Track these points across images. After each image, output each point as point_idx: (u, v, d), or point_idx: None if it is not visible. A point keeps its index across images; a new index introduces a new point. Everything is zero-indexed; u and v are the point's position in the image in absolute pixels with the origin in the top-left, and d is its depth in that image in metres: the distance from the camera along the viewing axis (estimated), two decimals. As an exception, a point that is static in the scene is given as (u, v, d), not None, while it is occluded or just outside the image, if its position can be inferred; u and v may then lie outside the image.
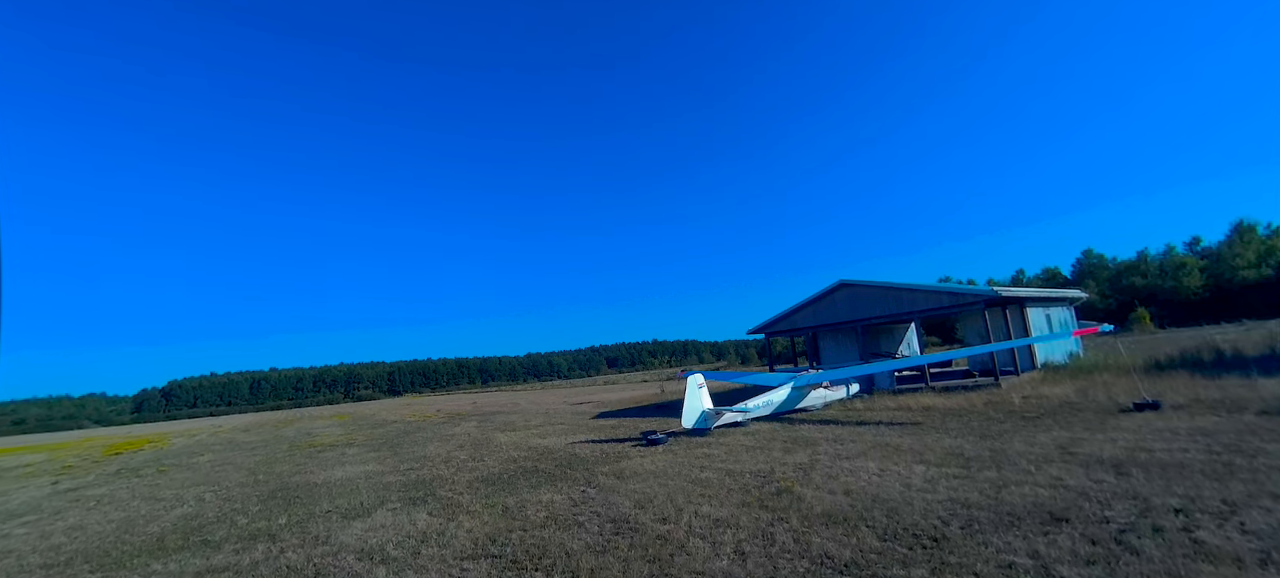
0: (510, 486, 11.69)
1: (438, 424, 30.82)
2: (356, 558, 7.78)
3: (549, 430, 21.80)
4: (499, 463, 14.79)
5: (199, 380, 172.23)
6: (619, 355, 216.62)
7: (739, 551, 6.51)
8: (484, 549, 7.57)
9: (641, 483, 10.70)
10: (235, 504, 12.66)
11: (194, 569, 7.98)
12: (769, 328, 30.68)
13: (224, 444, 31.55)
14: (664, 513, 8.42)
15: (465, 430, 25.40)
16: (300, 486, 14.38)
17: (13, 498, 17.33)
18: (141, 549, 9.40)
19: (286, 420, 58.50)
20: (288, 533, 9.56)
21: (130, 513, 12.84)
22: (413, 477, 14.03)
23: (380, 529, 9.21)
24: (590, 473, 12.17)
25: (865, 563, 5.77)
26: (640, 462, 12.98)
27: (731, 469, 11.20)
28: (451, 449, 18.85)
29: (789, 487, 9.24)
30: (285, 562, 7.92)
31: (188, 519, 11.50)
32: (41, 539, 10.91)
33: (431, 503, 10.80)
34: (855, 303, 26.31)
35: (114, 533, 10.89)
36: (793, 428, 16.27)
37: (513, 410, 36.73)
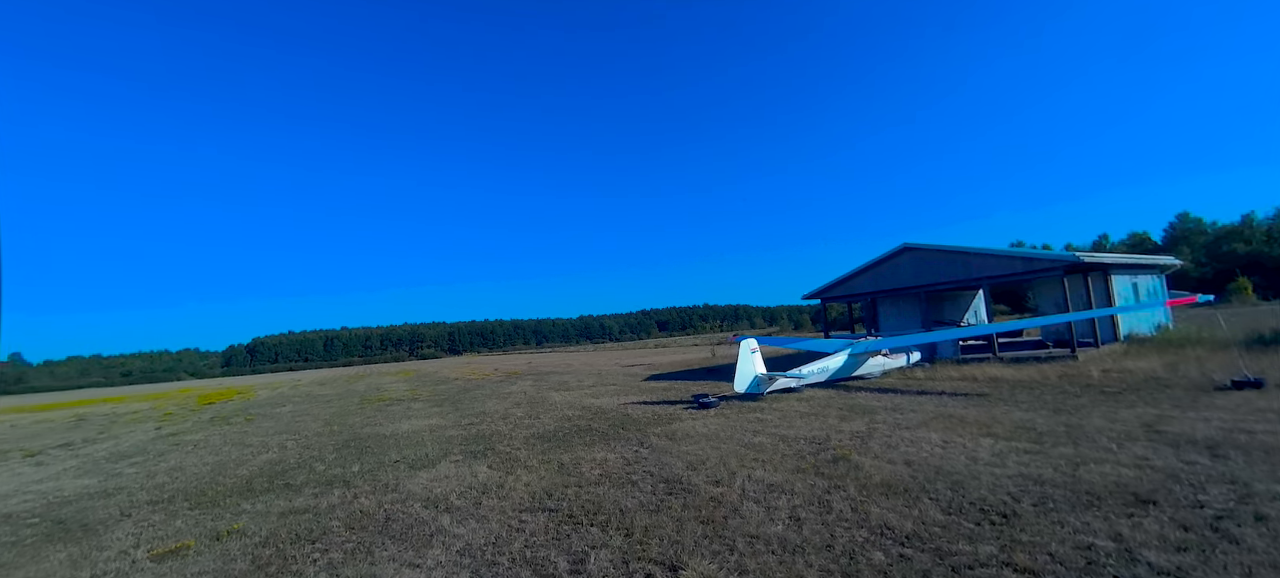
0: (565, 443, 12.00)
1: (495, 383, 31.96)
2: (423, 506, 8.20)
3: (601, 391, 22.21)
4: (554, 421, 15.20)
5: (279, 338, 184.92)
6: (670, 319, 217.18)
7: (794, 517, 6.44)
8: (541, 503, 7.82)
9: (693, 445, 10.74)
10: (313, 452, 13.58)
11: (278, 510, 8.63)
12: (825, 293, 29.86)
13: (302, 397, 33.87)
14: (716, 476, 8.43)
15: (521, 389, 26.23)
16: (371, 437, 15.26)
17: (124, 441, 19.26)
18: (232, 490, 10.25)
19: (357, 376, 62.21)
20: (360, 480, 10.19)
21: (222, 457, 14.00)
22: (473, 432, 14.62)
23: (444, 480, 9.66)
24: (642, 434, 12.32)
25: (928, 537, 5.59)
26: (692, 424, 13.03)
27: (785, 435, 11.07)
28: (508, 407, 19.51)
29: (846, 455, 9.05)
30: (359, 507, 8.44)
31: (272, 465, 12.43)
32: (148, 478, 12.08)
33: (491, 457, 11.23)
34: (919, 268, 25.15)
35: (209, 474, 11.92)
36: (849, 395, 15.90)
37: (566, 371, 37.61)
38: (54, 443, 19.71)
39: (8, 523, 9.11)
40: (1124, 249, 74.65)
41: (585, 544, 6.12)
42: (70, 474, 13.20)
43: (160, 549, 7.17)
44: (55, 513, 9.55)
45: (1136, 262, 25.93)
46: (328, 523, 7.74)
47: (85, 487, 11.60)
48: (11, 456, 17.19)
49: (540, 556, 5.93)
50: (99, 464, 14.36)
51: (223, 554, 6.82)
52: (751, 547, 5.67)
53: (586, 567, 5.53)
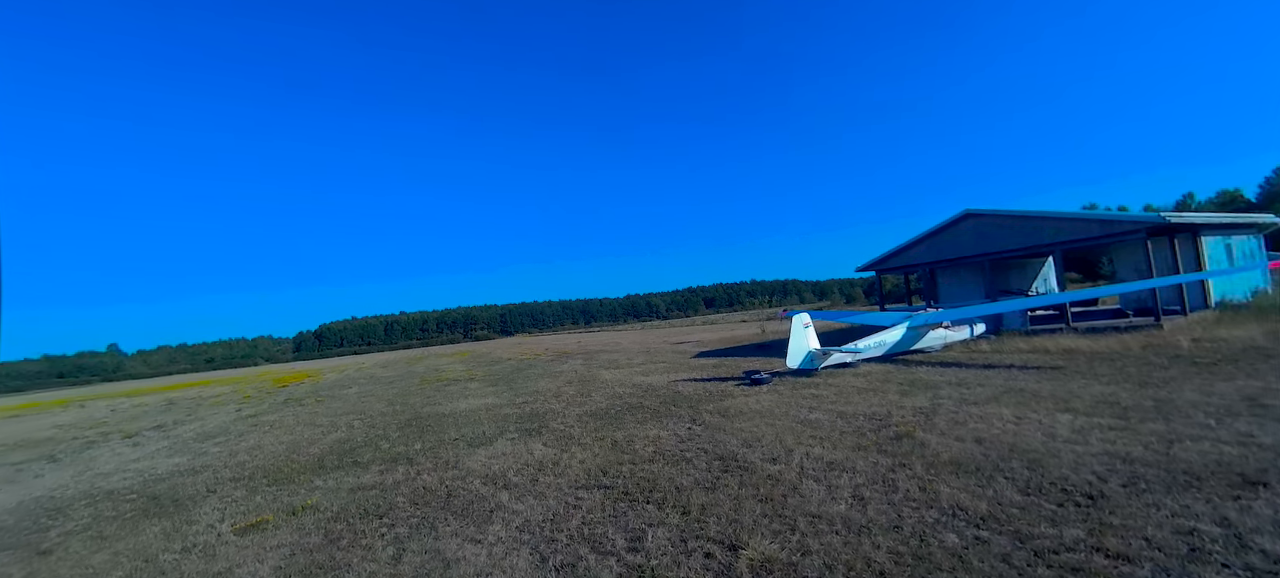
0: (617, 420, 12.04)
1: (546, 362, 32.53)
2: (482, 482, 8.38)
3: (651, 369, 22.22)
4: (605, 399, 15.30)
5: (344, 323, 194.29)
6: (717, 296, 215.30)
7: (857, 496, 6.20)
8: (596, 480, 7.85)
9: (747, 422, 10.56)
10: (378, 431, 14.16)
11: (347, 487, 9.02)
12: (880, 265, 28.79)
13: (366, 379, 35.48)
14: (773, 453, 8.24)
15: (572, 368, 26.58)
16: (431, 416, 15.79)
17: (208, 422, 20.67)
18: (305, 467, 10.80)
19: (416, 358, 64.71)
20: (423, 457, 10.53)
21: (296, 437, 14.80)
22: (527, 410, 14.90)
23: (501, 457, 9.86)
24: (695, 411, 12.22)
25: (1006, 518, 5.26)
26: (744, 401, 12.84)
27: (843, 411, 10.74)
28: (560, 385, 19.80)
29: (909, 432, 8.67)
30: (422, 483, 8.72)
31: (341, 443, 13.04)
32: (230, 457, 12.89)
33: (545, 434, 11.40)
34: (982, 235, 23.81)
35: (284, 453, 12.61)
36: (909, 370, 15.29)
37: (615, 350, 37.89)
38: (148, 425, 21.37)
39: (110, 499, 9.91)
40: (1213, 208, 68.52)
41: (642, 522, 6.09)
42: (163, 454, 14.26)
43: (242, 524, 7.62)
44: (150, 490, 10.32)
45: (1229, 221, 23.71)
46: (393, 499, 8.03)
47: (176, 465, 12.49)
48: (112, 437, 18.74)
49: (597, 533, 5.94)
50: (187, 444, 15.46)
51: (298, 528, 7.18)
52: (814, 526, 5.49)
53: (644, 544, 5.49)
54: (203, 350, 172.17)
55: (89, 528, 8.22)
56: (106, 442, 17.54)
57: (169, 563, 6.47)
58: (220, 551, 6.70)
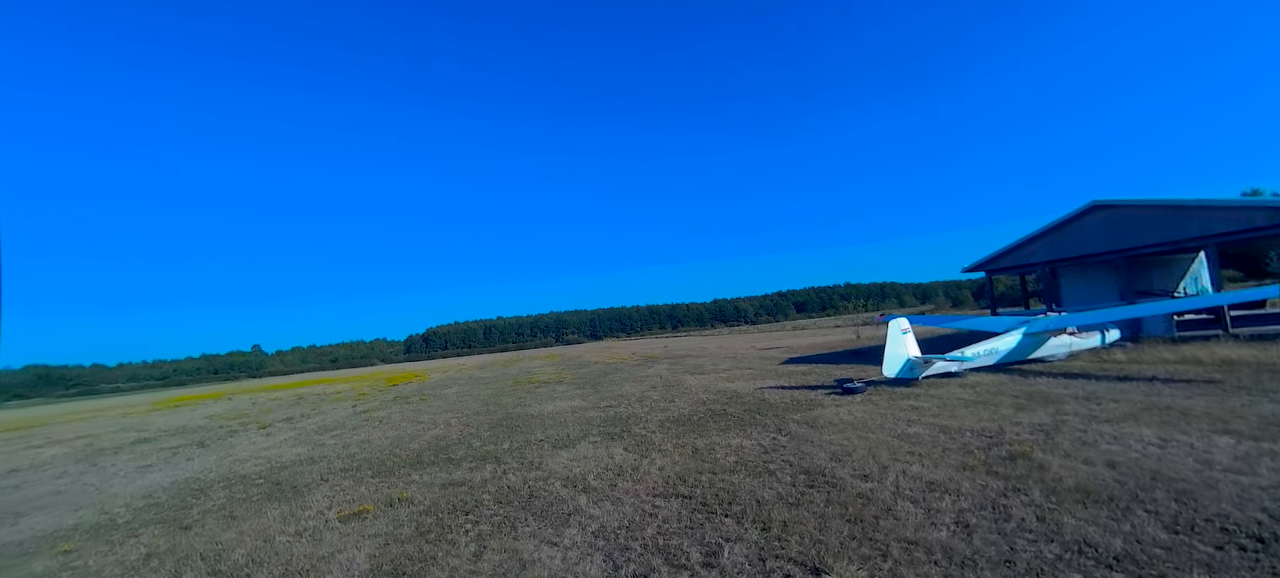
0: (700, 428, 11.80)
1: (632, 366, 32.78)
2: (563, 484, 8.47)
3: (737, 375, 21.70)
4: (689, 405, 15.08)
5: (448, 327, 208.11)
6: (808, 300, 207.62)
7: (961, 522, 5.58)
8: (674, 488, 7.68)
9: (837, 434, 9.94)
10: (471, 429, 14.84)
11: (440, 482, 9.46)
12: (991, 264, 26.38)
13: (465, 380, 37.54)
14: (865, 469, 7.66)
15: (657, 372, 26.57)
16: (520, 416, 16.33)
17: (328, 416, 22.69)
18: (406, 461, 11.50)
19: (511, 360, 67.76)
20: (509, 457, 10.86)
21: (400, 432, 15.84)
22: (611, 413, 15.00)
23: (583, 460, 9.95)
24: (780, 420, 11.71)
25: (1147, 560, 4.49)
26: (835, 411, 12.13)
27: (946, 426, 9.83)
28: (645, 390, 19.81)
29: (1025, 452, 7.74)
30: (506, 482, 8.97)
31: (438, 440, 13.77)
32: (343, 449, 14.01)
33: (627, 439, 11.38)
34: (1114, 229, 21.12)
35: (388, 447, 13.52)
36: (1026, 381, 13.79)
37: (701, 355, 37.51)
38: (279, 417, 23.85)
39: (242, 483, 11.07)
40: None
41: (719, 536, 5.84)
42: (288, 444, 15.80)
43: (346, 512, 8.19)
44: (275, 476, 11.42)
45: None
46: (480, 496, 8.31)
47: (298, 454, 13.77)
48: (250, 427, 21.07)
49: (672, 544, 5.76)
50: (309, 436, 17.03)
51: (393, 520, 7.59)
52: (908, 554, 4.99)
53: (720, 561, 5.25)
54: (328, 351, 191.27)
55: (223, 508, 9.20)
56: (245, 431, 19.75)
57: (282, 545, 7.06)
58: (325, 536, 7.23)
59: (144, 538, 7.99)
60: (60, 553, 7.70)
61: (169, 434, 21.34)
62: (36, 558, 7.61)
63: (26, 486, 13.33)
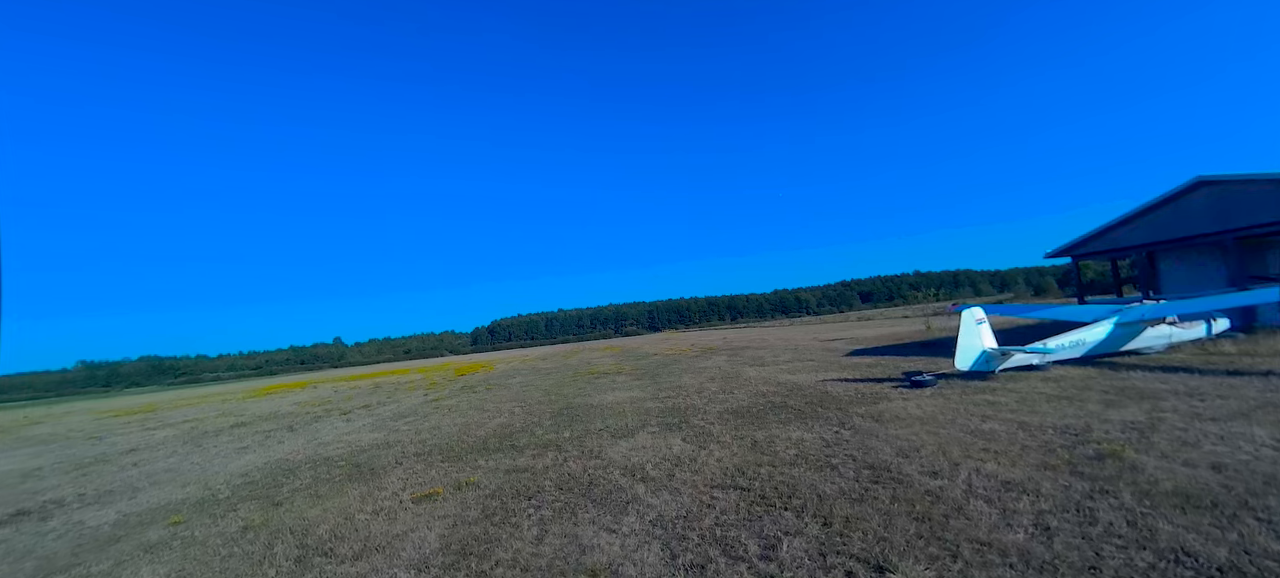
0: (759, 420, 11.64)
1: (691, 358, 32.70)
2: (621, 473, 8.59)
3: (798, 367, 21.23)
4: (748, 397, 14.91)
5: (512, 320, 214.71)
6: (874, 289, 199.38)
7: (1041, 525, 5.25)
8: (733, 480, 7.62)
9: (905, 429, 9.56)
10: (534, 418, 15.27)
11: (505, 468, 9.81)
12: (1078, 249, 24.49)
13: (528, 370, 38.63)
14: (934, 466, 7.33)
15: (716, 364, 26.39)
16: (581, 406, 16.66)
17: (402, 404, 23.95)
18: (472, 448, 11.98)
19: (572, 352, 69.12)
20: (570, 445, 11.11)
21: (468, 420, 16.51)
22: (669, 404, 15.05)
23: (641, 450, 10.04)
24: (844, 413, 11.37)
25: (1258, 573, 4.07)
26: (902, 405, 11.66)
27: (1026, 422, 9.25)
28: (703, 381, 19.73)
29: (1116, 451, 7.18)
30: (567, 470, 9.18)
31: (503, 428, 14.26)
32: (415, 434, 14.76)
33: (685, 430, 11.39)
34: (1223, 207, 19.10)
35: (457, 433, 14.12)
36: (1117, 375, 12.76)
37: (761, 346, 36.92)
38: (358, 405, 25.40)
39: (326, 464, 11.88)
40: None
41: (778, 529, 5.76)
42: (366, 429, 16.81)
43: (419, 493, 8.63)
44: (355, 459, 12.18)
45: None
46: (542, 483, 8.55)
47: (375, 439, 14.62)
48: (332, 413, 22.55)
49: (730, 535, 5.74)
50: (385, 422, 18.05)
51: (462, 502, 7.94)
52: (980, 556, 4.74)
53: (778, 554, 5.18)
54: (402, 343, 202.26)
55: (309, 488, 9.92)
56: (328, 417, 21.17)
57: (361, 522, 7.54)
58: (400, 515, 7.66)
59: (241, 513, 8.74)
60: (171, 524, 8.54)
61: (262, 419, 23.17)
62: (151, 528, 8.47)
63: (143, 463, 14.84)
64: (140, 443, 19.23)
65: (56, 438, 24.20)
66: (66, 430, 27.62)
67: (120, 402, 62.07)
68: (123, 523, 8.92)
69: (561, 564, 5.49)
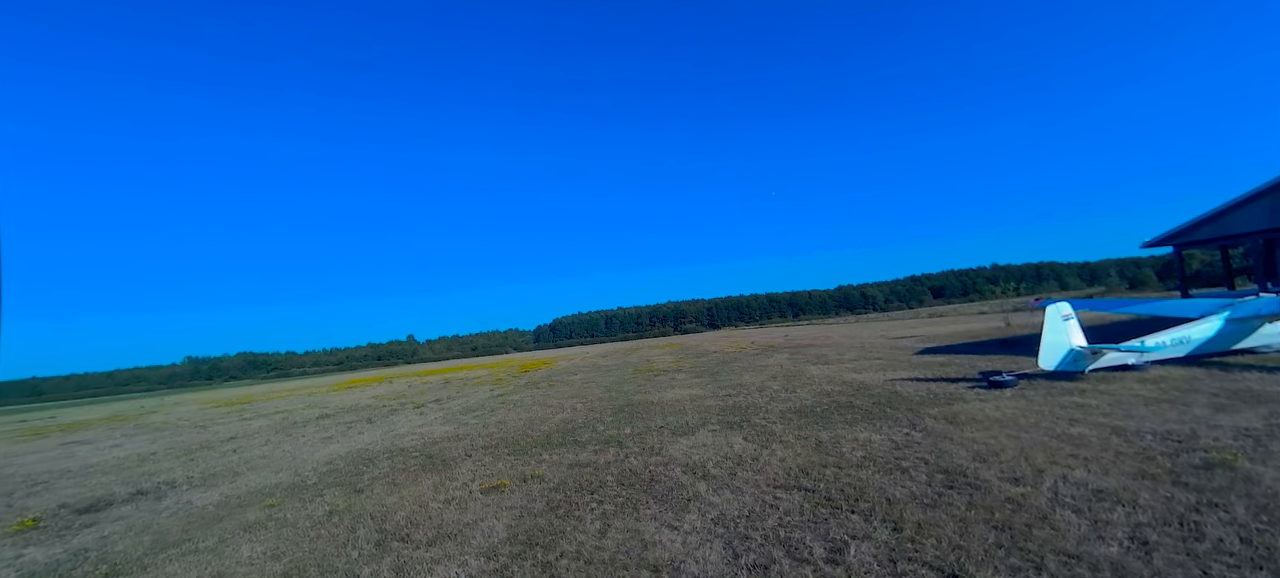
0: (823, 420, 11.34)
1: (751, 355, 32.24)
2: (682, 471, 8.60)
3: (864, 365, 20.51)
4: (811, 396, 14.55)
5: (572, 317, 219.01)
6: (946, 284, 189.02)
7: (1138, 538, 4.85)
8: (796, 481, 7.47)
9: (982, 431, 9.06)
10: (595, 414, 15.51)
11: (568, 462, 10.03)
12: (1180, 237, 22.38)
13: (589, 367, 39.25)
14: (1015, 472, 6.91)
15: (777, 362, 25.90)
16: (641, 403, 16.78)
17: (470, 399, 24.92)
18: (537, 442, 12.32)
19: (631, 349, 69.69)
20: (631, 442, 11.23)
21: (532, 415, 16.98)
22: (730, 403, 14.91)
23: (702, 448, 10.01)
24: (914, 414, 10.90)
25: (1406, 599, 3.60)
26: (979, 406, 11.04)
27: (1120, 427, 8.55)
28: (764, 379, 19.42)
29: (1227, 460, 6.53)
30: (628, 466, 9.29)
31: (565, 423, 14.58)
32: (482, 428, 15.33)
33: (746, 429, 11.26)
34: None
35: (522, 427, 14.56)
36: (1228, 376, 11.58)
37: (824, 344, 35.90)
38: (430, 399, 26.63)
39: (402, 455, 12.54)
40: None
41: (845, 532, 5.61)
42: (438, 422, 17.61)
43: (487, 485, 8.97)
44: (428, 450, 12.79)
45: None
46: (604, 478, 8.69)
47: (446, 432, 15.30)
48: (407, 407, 23.76)
49: (794, 537, 5.63)
50: (455, 416, 18.84)
51: (527, 494, 8.19)
52: (1068, 570, 4.44)
53: (845, 558, 5.04)
54: (469, 340, 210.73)
55: (387, 476, 10.50)
56: (403, 411, 22.32)
57: (435, 510, 7.92)
58: (470, 505, 7.99)
59: (327, 498, 9.37)
60: (266, 506, 9.27)
61: (344, 411, 24.72)
62: (249, 509, 9.23)
63: (242, 450, 16.17)
64: (239, 432, 20.96)
65: (168, 426, 26.77)
66: (176, 420, 30.50)
67: (221, 394, 67.92)
68: (225, 504, 9.76)
69: (624, 559, 5.57)
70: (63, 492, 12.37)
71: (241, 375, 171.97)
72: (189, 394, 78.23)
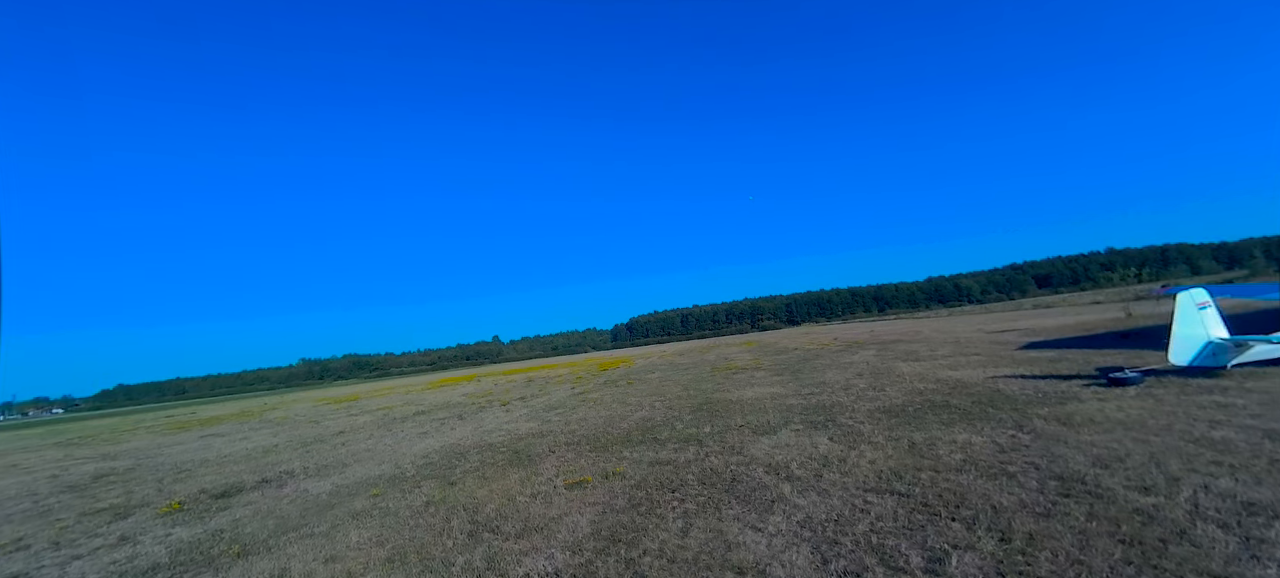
0: (917, 420, 10.70)
1: (834, 352, 31.04)
2: (765, 471, 8.40)
3: (961, 362, 19.18)
4: (902, 394, 13.78)
5: (648, 316, 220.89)
6: (1053, 272, 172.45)
7: (1306, 558, 4.19)
8: (888, 484, 7.09)
9: (1103, 434, 8.19)
10: (674, 413, 15.51)
11: (648, 460, 10.08)
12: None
13: (666, 366, 39.36)
14: (1145, 480, 6.19)
15: (863, 359, 24.78)
16: (720, 402, 16.60)
17: (552, 396, 25.68)
18: (617, 439, 12.48)
19: (708, 347, 69.19)
20: (711, 441, 11.12)
21: (612, 412, 17.24)
22: (813, 401, 14.42)
23: (785, 448, 9.74)
24: (1021, 415, 10.05)
25: None
26: (1098, 406, 10.00)
27: (1274, 430, 7.46)
28: (850, 377, 18.63)
29: None
30: (709, 465, 9.20)
31: (644, 421, 14.68)
32: (564, 425, 15.73)
33: (832, 429, 10.83)
34: None
35: (602, 425, 14.81)
36: None
37: (914, 339, 33.94)
38: (515, 397, 27.70)
39: (490, 450, 13.11)
40: None
41: (945, 541, 5.24)
42: (523, 419, 18.27)
43: (571, 480, 9.19)
44: (514, 446, 13.29)
45: None
46: (684, 476, 8.66)
47: (530, 428, 15.84)
48: (493, 404, 24.85)
49: (888, 544, 5.33)
50: (538, 413, 19.48)
51: (609, 491, 8.31)
52: (1217, 590, 3.91)
53: (946, 569, 4.71)
54: (550, 340, 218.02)
55: (477, 470, 11.01)
56: (490, 408, 23.36)
57: (522, 504, 8.20)
58: (555, 499, 8.21)
59: (424, 489, 9.95)
60: (372, 495, 9.97)
61: (437, 409, 26.23)
62: (357, 498, 9.96)
63: (349, 444, 17.53)
64: (346, 427, 22.76)
65: (287, 421, 29.53)
66: (293, 416, 33.59)
67: (330, 392, 74.17)
68: (336, 493, 10.61)
69: (707, 559, 5.51)
70: (202, 479, 13.94)
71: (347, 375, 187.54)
72: (304, 393, 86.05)
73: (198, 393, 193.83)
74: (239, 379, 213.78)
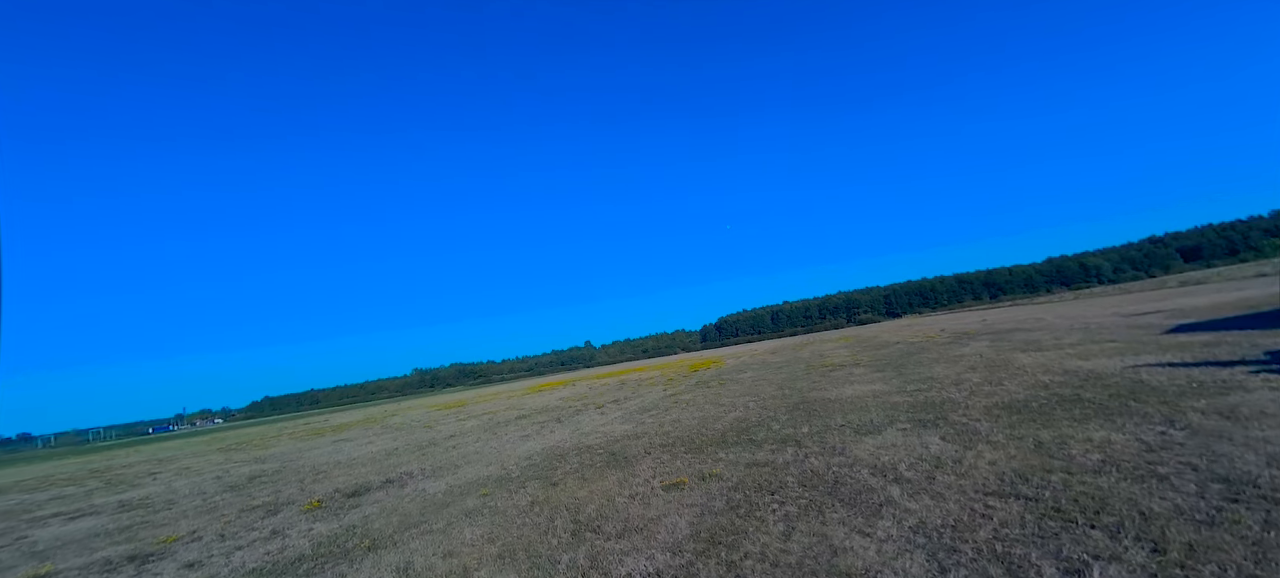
0: (1043, 416, 9.75)
1: (942, 344, 28.98)
2: (870, 473, 8.00)
3: (1092, 350, 17.23)
4: (1022, 388, 12.61)
5: (737, 315, 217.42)
6: (1203, 243, 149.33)
7: None
8: (1013, 488, 6.51)
9: (1278, 430, 7.04)
10: (769, 412, 15.16)
11: (745, 461, 9.92)
12: None
13: (758, 365, 38.58)
14: (1341, 482, 5.25)
15: (975, 350, 22.93)
16: (817, 401, 16.02)
17: (645, 399, 25.97)
18: (711, 441, 12.39)
19: (801, 344, 67.02)
20: (810, 441, 10.75)
21: (705, 414, 17.15)
22: (920, 398, 13.55)
23: (891, 449, 9.22)
24: (1171, 408, 8.86)
25: None
26: (1271, 396, 8.61)
27: None
28: (961, 371, 17.31)
29: None
30: (809, 466, 8.90)
31: (739, 422, 14.47)
32: (658, 427, 15.85)
33: (943, 427, 10.12)
34: None
35: (696, 426, 14.77)
36: None
37: (1034, 326, 30.92)
38: (609, 400, 28.30)
39: (588, 452, 13.48)
40: None
41: (1084, 551, 4.73)
42: (618, 421, 18.63)
43: (667, 482, 9.24)
44: (611, 447, 13.58)
45: None
46: (783, 478, 8.44)
47: (625, 430, 16.12)
48: (589, 408, 25.53)
49: (1015, 553, 4.89)
50: (632, 415, 19.78)
51: (706, 493, 8.27)
52: None
53: (1088, 581, 4.24)
54: (640, 343, 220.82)
55: (577, 471, 11.36)
56: (586, 411, 24.03)
57: (621, 504, 8.36)
58: (653, 501, 8.29)
59: (528, 490, 10.41)
60: (481, 495, 10.58)
61: (537, 412, 27.36)
62: (468, 498, 10.60)
63: (459, 446, 18.71)
64: (456, 431, 24.31)
65: (405, 427, 32.01)
66: (410, 422, 36.36)
67: (441, 399, 79.67)
68: (450, 492, 11.35)
69: (812, 564, 5.33)
70: (336, 480, 15.43)
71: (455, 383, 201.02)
72: (418, 400, 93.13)
73: (329, 402, 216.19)
74: (362, 389, 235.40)
